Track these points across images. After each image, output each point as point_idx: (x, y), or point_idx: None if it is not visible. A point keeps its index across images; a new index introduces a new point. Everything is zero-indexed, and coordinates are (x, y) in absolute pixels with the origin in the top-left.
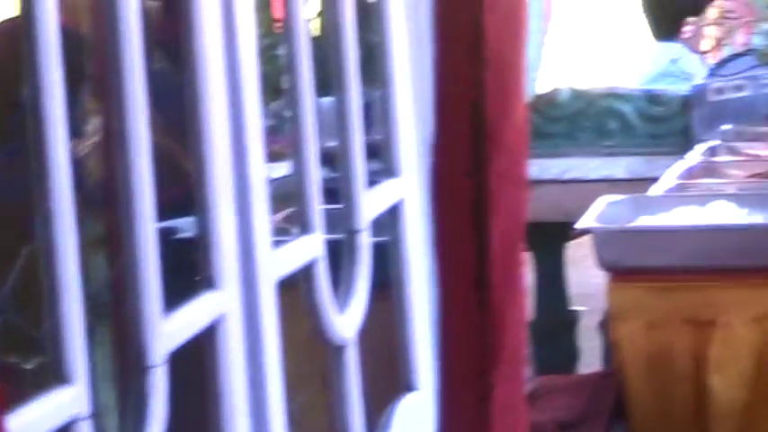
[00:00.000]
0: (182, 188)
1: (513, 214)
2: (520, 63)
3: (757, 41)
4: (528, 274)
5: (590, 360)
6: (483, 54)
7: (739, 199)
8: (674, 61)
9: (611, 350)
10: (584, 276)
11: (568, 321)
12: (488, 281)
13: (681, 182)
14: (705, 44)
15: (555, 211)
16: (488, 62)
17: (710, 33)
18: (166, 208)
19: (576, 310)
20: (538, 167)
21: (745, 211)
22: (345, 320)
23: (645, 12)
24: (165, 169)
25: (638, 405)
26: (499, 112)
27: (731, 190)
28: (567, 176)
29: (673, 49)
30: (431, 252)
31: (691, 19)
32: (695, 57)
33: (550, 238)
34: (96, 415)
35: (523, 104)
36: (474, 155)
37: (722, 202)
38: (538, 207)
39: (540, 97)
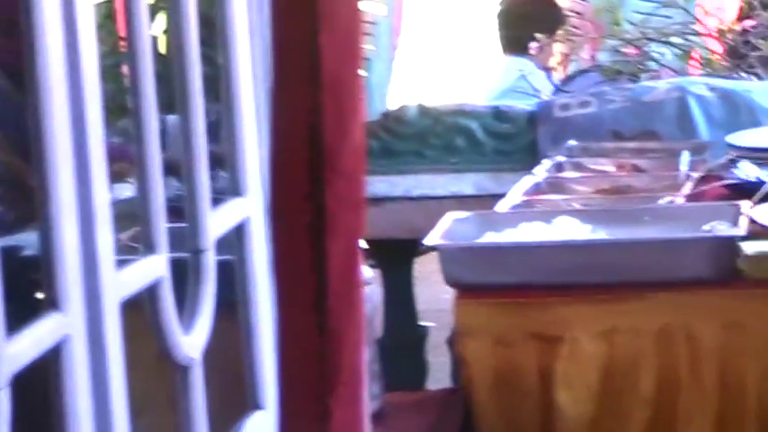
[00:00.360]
0: (27, 205)
1: (351, 236)
2: (357, 85)
3: (603, 57)
4: (377, 291)
5: (440, 375)
6: (320, 77)
7: (584, 215)
8: (522, 77)
9: (458, 366)
10: (434, 292)
11: (418, 338)
12: (327, 305)
13: (527, 198)
14: (553, 60)
15: (403, 228)
16: (325, 85)
17: (558, 49)
18: (11, 225)
19: (425, 326)
20: (386, 184)
21: (590, 227)
22: (190, 340)
23: (497, 27)
24: (9, 186)
25: (486, 421)
26: (337, 134)
27: (577, 206)
28: (415, 193)
29: (521, 64)
30: (270, 273)
31: (539, 35)
32: (542, 72)
33: (399, 255)
34: None
35: (362, 126)
36: (312, 177)
37: (567, 218)
38: (386, 224)
39: (387, 115)
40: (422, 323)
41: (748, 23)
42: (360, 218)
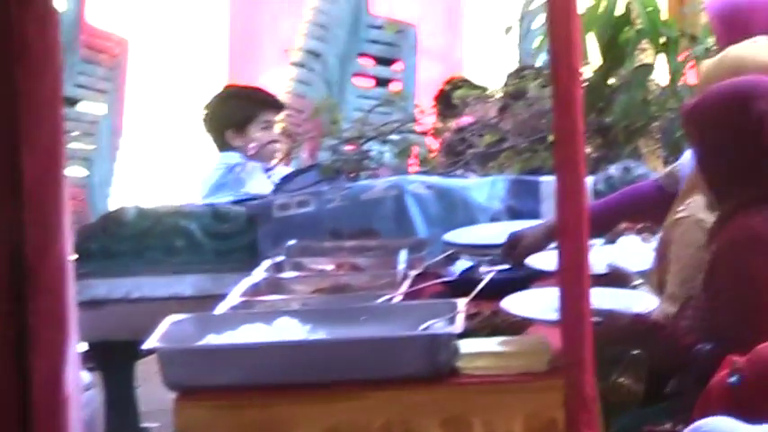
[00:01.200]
0: None
1: (55, 353)
2: (61, 202)
3: (323, 156)
4: (96, 395)
5: None
6: (21, 195)
7: (303, 315)
8: (229, 170)
9: None
10: (159, 393)
11: None
12: (33, 420)
13: (246, 299)
14: (273, 159)
15: (124, 330)
16: (27, 203)
17: (277, 148)
18: None
19: (147, 428)
20: (106, 287)
21: (309, 326)
22: None
23: (205, 126)
24: None
25: None
26: (40, 251)
27: (295, 306)
28: (134, 295)
29: (231, 158)
30: None
31: (257, 134)
32: (258, 166)
33: (120, 357)
34: None
35: (66, 242)
36: (14, 295)
37: (287, 319)
38: (107, 326)
39: (107, 217)
40: (145, 425)
41: (465, 121)
42: (65, 331)
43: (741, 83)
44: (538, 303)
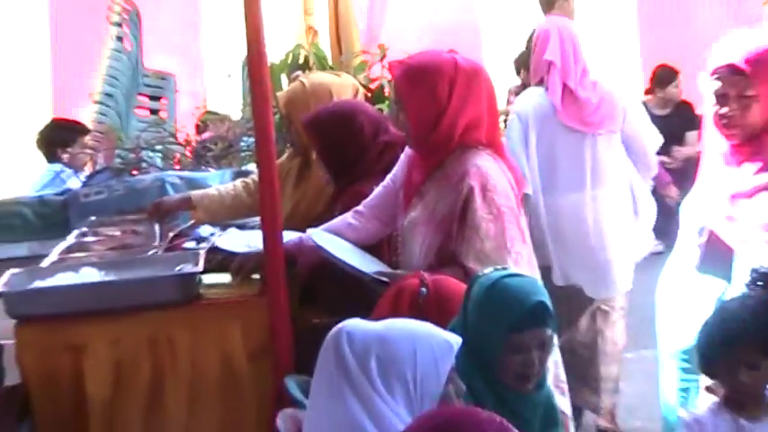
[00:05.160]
0: None
1: None
2: None
3: (114, 162)
4: None
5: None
6: None
7: (99, 265)
8: (56, 176)
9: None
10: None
11: None
12: None
13: (62, 256)
14: (84, 165)
15: None
16: None
17: (86, 159)
18: None
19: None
20: None
21: (103, 272)
22: None
23: (38, 145)
24: None
25: (39, 410)
26: None
27: (95, 259)
28: None
29: (56, 167)
30: None
31: (74, 151)
32: (71, 171)
33: None
34: None
35: None
36: None
37: (88, 268)
38: None
39: None
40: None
41: (206, 135)
42: None
43: (346, 103)
44: (239, 241)
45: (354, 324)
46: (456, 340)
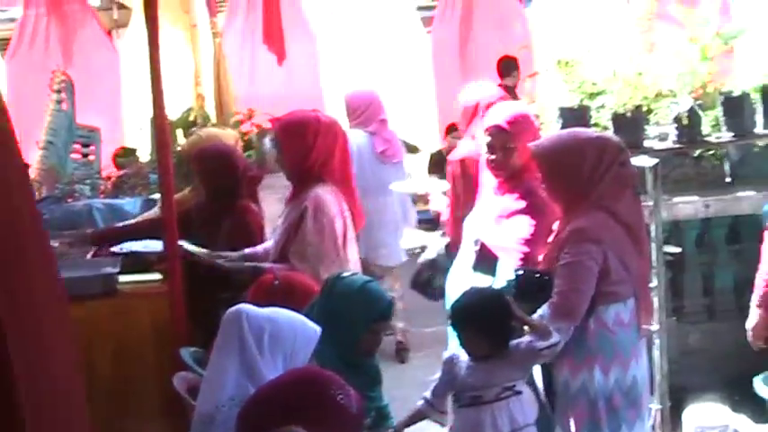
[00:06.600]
0: None
1: None
2: None
3: (56, 191)
4: None
5: None
6: None
7: None
8: None
9: None
10: None
11: None
12: None
13: None
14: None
15: None
16: None
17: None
18: None
19: None
20: None
21: None
22: None
23: None
24: None
25: None
26: None
27: None
28: None
29: None
30: None
31: None
32: None
33: None
34: None
35: None
36: None
37: None
38: None
39: None
40: None
41: (124, 171)
42: None
43: (228, 146)
44: (141, 244)
45: (249, 308)
46: (317, 329)
